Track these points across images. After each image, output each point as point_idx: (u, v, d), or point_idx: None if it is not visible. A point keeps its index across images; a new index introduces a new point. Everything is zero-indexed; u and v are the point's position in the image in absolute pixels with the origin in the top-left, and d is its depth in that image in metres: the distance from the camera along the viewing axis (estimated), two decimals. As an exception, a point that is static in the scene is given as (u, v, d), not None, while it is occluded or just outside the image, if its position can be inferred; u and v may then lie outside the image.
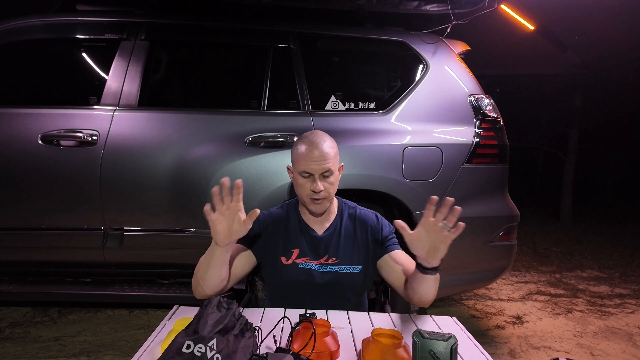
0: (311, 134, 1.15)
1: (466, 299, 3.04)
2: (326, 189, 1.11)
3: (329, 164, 1.10)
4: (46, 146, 1.76)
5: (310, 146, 1.10)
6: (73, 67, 2.02)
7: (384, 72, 2.08)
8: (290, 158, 1.18)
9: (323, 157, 1.09)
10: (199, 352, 0.65)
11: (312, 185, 1.10)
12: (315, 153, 1.09)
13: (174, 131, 1.83)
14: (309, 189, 1.11)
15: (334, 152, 1.13)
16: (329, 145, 1.12)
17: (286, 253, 1.17)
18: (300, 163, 1.11)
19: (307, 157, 1.09)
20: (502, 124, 1.97)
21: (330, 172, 1.11)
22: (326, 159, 1.10)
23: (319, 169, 1.09)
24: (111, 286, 1.85)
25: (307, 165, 1.10)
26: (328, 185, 1.12)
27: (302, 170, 1.11)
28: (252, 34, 2.04)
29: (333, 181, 1.13)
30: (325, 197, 1.12)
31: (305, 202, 1.15)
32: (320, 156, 1.09)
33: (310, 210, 1.16)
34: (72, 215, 1.80)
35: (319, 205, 1.13)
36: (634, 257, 4.53)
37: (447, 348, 0.72)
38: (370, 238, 1.19)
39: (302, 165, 1.10)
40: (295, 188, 1.17)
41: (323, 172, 1.10)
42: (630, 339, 2.42)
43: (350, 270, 1.16)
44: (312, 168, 1.09)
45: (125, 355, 1.98)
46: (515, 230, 2.01)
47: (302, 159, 1.11)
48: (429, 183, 1.84)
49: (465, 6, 2.07)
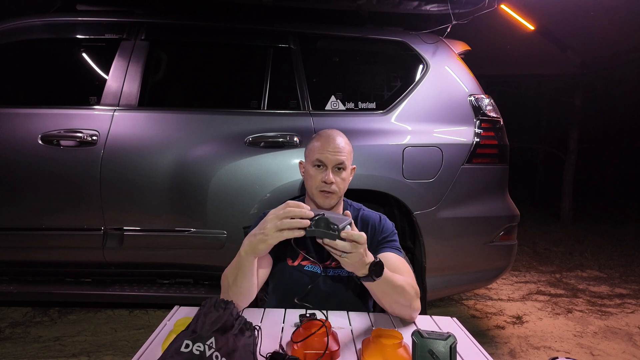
0: (329, 129, 1.18)
1: (466, 299, 3.04)
2: (337, 183, 1.12)
3: (343, 157, 1.12)
4: (46, 146, 1.76)
5: (328, 138, 1.13)
6: (73, 67, 2.02)
7: (384, 72, 2.08)
8: (304, 153, 1.20)
9: (338, 150, 1.12)
10: (198, 351, 0.65)
11: (324, 175, 1.11)
12: (332, 144, 1.12)
13: (174, 131, 1.83)
14: (320, 180, 1.12)
15: (349, 149, 1.16)
16: (345, 141, 1.16)
17: (292, 255, 1.16)
18: (314, 153, 1.13)
19: (323, 147, 1.12)
20: (502, 124, 1.97)
21: (343, 166, 1.13)
22: (341, 152, 1.12)
23: (333, 160, 1.11)
24: (111, 286, 1.86)
25: (321, 154, 1.11)
26: (339, 181, 1.13)
27: (316, 159, 1.12)
28: (252, 34, 2.04)
29: (345, 177, 1.15)
30: (335, 191, 1.13)
31: (313, 195, 1.15)
32: (336, 148, 1.11)
33: (318, 204, 1.15)
34: (72, 215, 1.80)
35: (328, 199, 1.13)
36: (634, 257, 4.53)
37: (447, 347, 0.72)
38: (370, 240, 1.17)
39: (317, 154, 1.12)
40: (306, 181, 1.18)
41: (337, 164, 1.12)
42: (630, 339, 2.42)
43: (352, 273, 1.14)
44: (327, 157, 1.11)
45: (125, 355, 1.98)
46: (515, 230, 2.01)
47: (317, 150, 1.13)
48: (429, 183, 1.84)
49: (465, 6, 2.08)
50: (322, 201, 1.13)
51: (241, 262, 0.91)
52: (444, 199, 1.84)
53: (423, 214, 1.83)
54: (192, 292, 1.85)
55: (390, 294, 0.96)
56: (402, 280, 0.97)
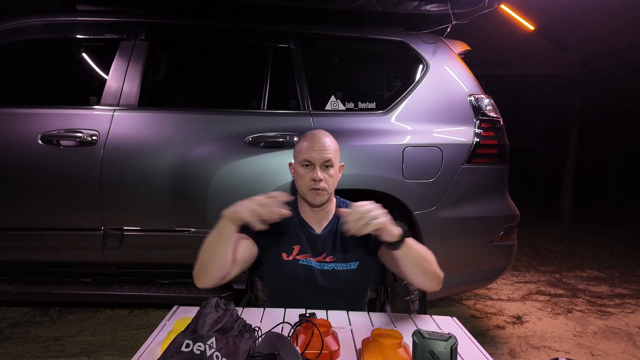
0: (315, 130, 1.23)
1: (466, 299, 3.04)
2: (326, 180, 1.15)
3: (330, 155, 1.15)
4: (46, 146, 1.76)
5: (313, 138, 1.17)
6: (73, 67, 2.02)
7: (384, 72, 2.08)
8: (293, 155, 1.22)
9: (324, 148, 1.15)
10: (198, 350, 0.65)
11: (312, 174, 1.14)
12: (318, 144, 1.15)
13: (174, 131, 1.83)
14: (309, 178, 1.15)
15: (335, 147, 1.19)
16: (331, 140, 1.19)
17: (287, 249, 1.19)
18: (301, 153, 1.17)
19: (309, 147, 1.15)
20: (502, 124, 1.97)
21: (330, 164, 1.16)
22: (327, 150, 1.15)
23: (320, 158, 1.14)
24: (111, 286, 1.85)
25: (308, 154, 1.15)
26: (328, 177, 1.15)
27: (303, 159, 1.16)
28: (252, 34, 2.04)
29: (333, 174, 1.17)
30: (325, 188, 1.15)
31: (304, 194, 1.18)
32: (322, 146, 1.15)
33: (309, 202, 1.18)
34: (72, 215, 1.80)
35: (318, 196, 1.15)
36: (634, 257, 4.53)
37: (447, 348, 0.72)
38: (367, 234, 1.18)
39: (304, 154, 1.16)
40: (296, 182, 1.20)
41: (324, 162, 1.15)
42: (630, 339, 2.42)
43: (347, 267, 1.18)
44: (313, 157, 1.14)
45: (125, 355, 1.98)
46: (515, 230, 2.01)
47: (303, 150, 1.16)
48: (429, 183, 1.84)
49: (465, 6, 2.07)
50: (313, 199, 1.16)
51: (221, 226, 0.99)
52: (444, 199, 1.84)
53: (423, 214, 1.83)
54: (192, 292, 1.85)
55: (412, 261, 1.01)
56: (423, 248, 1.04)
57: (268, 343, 0.73)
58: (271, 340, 0.73)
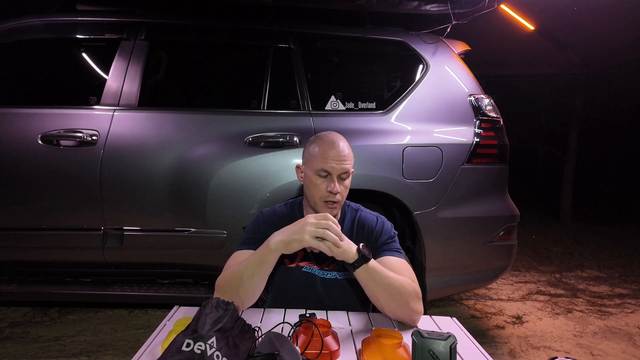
0: (329, 134, 1.11)
1: (466, 299, 3.04)
2: (341, 192, 1.08)
3: (349, 165, 1.08)
4: (46, 146, 1.76)
5: (332, 144, 1.07)
6: (73, 67, 2.02)
7: (384, 72, 2.08)
8: (303, 157, 1.15)
9: (343, 157, 1.06)
10: (199, 350, 0.65)
11: (330, 186, 1.05)
12: (335, 151, 1.06)
13: (174, 131, 1.83)
14: (325, 189, 1.06)
15: (352, 154, 1.11)
16: (347, 146, 1.10)
17: (290, 255, 1.11)
18: (317, 161, 1.07)
19: (327, 155, 1.05)
20: (502, 124, 1.98)
21: (347, 175, 1.09)
22: (346, 159, 1.07)
23: (339, 169, 1.06)
24: (111, 286, 1.86)
25: (326, 164, 1.05)
26: (343, 189, 1.08)
27: (320, 169, 1.06)
28: (252, 34, 2.04)
29: (347, 184, 1.10)
30: (339, 200, 1.09)
31: (316, 205, 1.09)
32: (340, 156, 1.06)
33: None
34: (72, 215, 1.80)
35: (332, 210, 1.09)
36: (634, 257, 4.53)
37: (447, 347, 0.72)
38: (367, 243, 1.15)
39: (321, 163, 1.06)
40: (307, 189, 1.12)
41: (342, 173, 1.07)
42: (630, 339, 2.42)
43: (349, 276, 1.11)
44: (333, 167, 1.05)
45: (125, 355, 1.98)
46: (515, 230, 2.01)
47: (320, 157, 1.06)
48: (429, 183, 1.84)
49: (465, 6, 2.08)
50: (325, 212, 1.07)
51: (267, 257, 0.92)
52: (443, 199, 1.84)
53: (423, 214, 1.83)
54: (192, 292, 1.85)
55: (385, 289, 0.94)
56: (398, 277, 0.96)
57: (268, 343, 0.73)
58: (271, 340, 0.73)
